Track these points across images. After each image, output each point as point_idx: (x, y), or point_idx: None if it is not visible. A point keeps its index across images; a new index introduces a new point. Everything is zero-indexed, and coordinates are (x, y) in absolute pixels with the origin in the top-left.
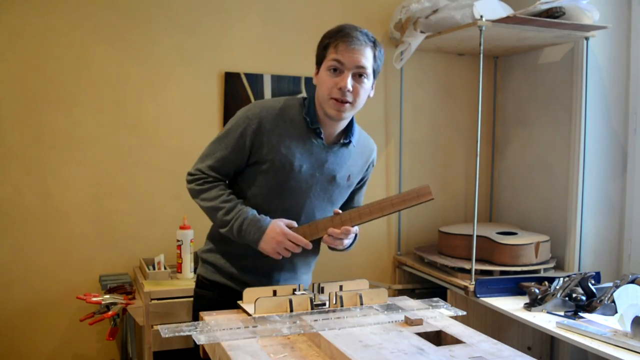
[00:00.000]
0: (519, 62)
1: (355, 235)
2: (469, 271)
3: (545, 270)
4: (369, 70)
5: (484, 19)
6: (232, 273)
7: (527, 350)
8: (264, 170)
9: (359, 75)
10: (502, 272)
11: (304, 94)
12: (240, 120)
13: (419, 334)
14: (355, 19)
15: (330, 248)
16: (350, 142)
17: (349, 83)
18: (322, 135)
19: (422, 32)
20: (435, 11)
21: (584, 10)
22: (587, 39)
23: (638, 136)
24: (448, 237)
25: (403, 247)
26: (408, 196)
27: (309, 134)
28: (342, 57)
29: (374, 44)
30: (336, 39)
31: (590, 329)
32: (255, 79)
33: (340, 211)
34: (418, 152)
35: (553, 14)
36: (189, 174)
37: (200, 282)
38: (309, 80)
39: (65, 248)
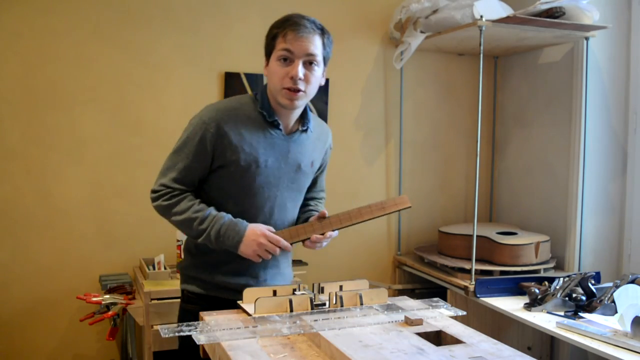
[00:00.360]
0: (519, 62)
1: None
2: (469, 271)
3: (545, 270)
4: (319, 58)
5: (484, 19)
6: (218, 282)
7: (527, 350)
8: (231, 173)
9: (309, 63)
10: (502, 272)
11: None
12: (197, 126)
13: (419, 334)
14: (355, 19)
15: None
16: (308, 128)
17: (301, 71)
18: (280, 127)
19: (422, 32)
20: (435, 11)
21: (584, 10)
22: (587, 39)
23: (638, 136)
24: (448, 237)
25: (403, 247)
26: (386, 204)
27: (268, 127)
28: (292, 46)
29: (322, 31)
30: (284, 29)
31: (590, 329)
32: (255, 79)
33: (326, 212)
34: (418, 152)
35: (553, 14)
36: (153, 191)
37: (187, 297)
38: None
39: (65, 248)
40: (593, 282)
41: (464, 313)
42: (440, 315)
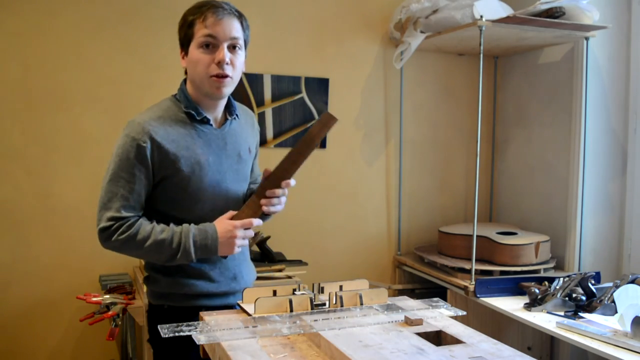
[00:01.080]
0: (519, 62)
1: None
2: (469, 271)
3: (545, 270)
4: (241, 42)
5: (484, 19)
6: (201, 292)
7: (527, 350)
8: (176, 182)
9: (233, 47)
10: (502, 272)
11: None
12: (127, 146)
13: (419, 334)
14: (355, 19)
15: (264, 217)
16: (236, 116)
17: (227, 56)
18: (210, 122)
19: (422, 32)
20: (435, 11)
21: (584, 10)
22: (587, 39)
23: (638, 136)
24: (448, 237)
25: (403, 247)
26: (315, 130)
27: (198, 126)
28: (214, 30)
29: (240, 14)
30: (202, 14)
31: (590, 329)
32: (255, 79)
33: (270, 170)
34: (418, 152)
35: (553, 14)
36: (103, 229)
37: (169, 314)
38: (309, 80)
39: (65, 248)
40: (593, 282)
41: (464, 313)
42: (440, 315)
